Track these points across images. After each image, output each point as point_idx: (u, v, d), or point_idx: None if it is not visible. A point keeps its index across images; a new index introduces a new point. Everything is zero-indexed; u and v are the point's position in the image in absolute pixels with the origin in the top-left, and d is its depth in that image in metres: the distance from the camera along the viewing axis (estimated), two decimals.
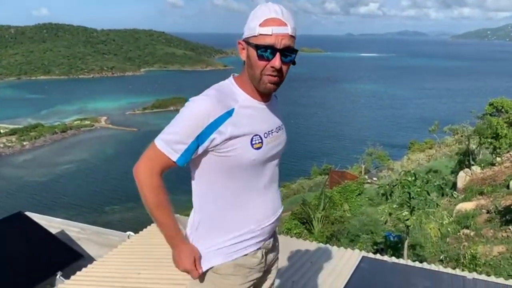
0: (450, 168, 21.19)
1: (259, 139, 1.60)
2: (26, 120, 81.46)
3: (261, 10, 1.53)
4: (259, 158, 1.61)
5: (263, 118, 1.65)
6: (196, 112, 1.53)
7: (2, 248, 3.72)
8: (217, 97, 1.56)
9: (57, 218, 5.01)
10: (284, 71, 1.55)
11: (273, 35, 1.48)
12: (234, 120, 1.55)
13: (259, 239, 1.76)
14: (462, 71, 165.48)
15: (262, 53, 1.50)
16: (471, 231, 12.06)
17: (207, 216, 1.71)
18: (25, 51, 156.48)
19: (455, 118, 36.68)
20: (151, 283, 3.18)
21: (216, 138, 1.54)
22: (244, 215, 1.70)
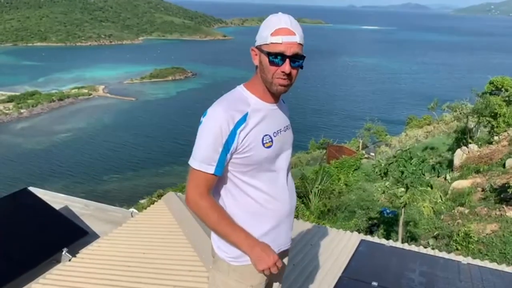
0: (447, 145, 21.30)
1: (269, 139, 1.76)
2: (23, 87, 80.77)
3: (272, 20, 1.70)
4: (270, 155, 1.78)
5: (273, 119, 1.81)
6: (216, 125, 1.68)
7: (10, 224, 3.79)
8: (230, 105, 1.72)
9: (60, 194, 5.07)
10: (293, 75, 1.71)
11: (283, 43, 1.65)
12: (248, 123, 1.71)
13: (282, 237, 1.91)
14: (463, 46, 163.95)
15: (273, 59, 1.66)
16: (465, 209, 12.24)
17: (231, 212, 1.82)
18: (21, 17, 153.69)
19: (455, 94, 36.60)
20: (155, 263, 3.27)
21: (238, 141, 1.70)
22: (263, 212, 1.82)
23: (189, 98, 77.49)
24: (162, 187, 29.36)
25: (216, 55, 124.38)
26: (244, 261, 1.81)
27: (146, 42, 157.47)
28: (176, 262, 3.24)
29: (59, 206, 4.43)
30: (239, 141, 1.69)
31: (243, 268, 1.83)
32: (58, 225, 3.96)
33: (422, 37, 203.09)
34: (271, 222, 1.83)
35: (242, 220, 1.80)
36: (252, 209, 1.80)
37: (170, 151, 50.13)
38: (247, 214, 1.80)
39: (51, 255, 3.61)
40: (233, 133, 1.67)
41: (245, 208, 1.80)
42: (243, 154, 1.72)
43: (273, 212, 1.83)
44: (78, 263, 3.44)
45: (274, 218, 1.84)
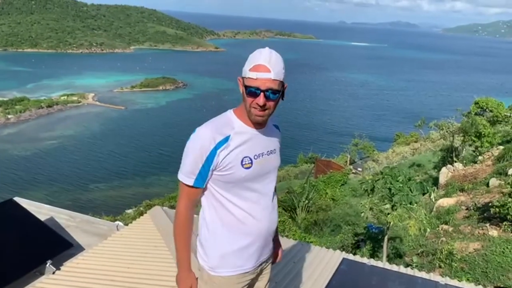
0: (433, 163, 21.55)
1: (249, 160, 1.90)
2: (11, 93, 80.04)
3: (254, 56, 1.83)
4: (249, 176, 1.91)
5: (255, 143, 1.94)
6: (200, 142, 1.85)
7: None
8: (216, 126, 1.88)
9: (46, 205, 5.06)
10: (270, 105, 1.85)
11: (258, 79, 1.79)
12: (230, 144, 1.86)
13: (257, 256, 2.04)
14: (451, 65, 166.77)
15: (249, 91, 1.82)
16: (449, 227, 12.37)
17: (210, 225, 1.98)
18: (12, 22, 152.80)
19: (441, 112, 37.11)
20: (139, 278, 3.29)
21: (218, 159, 1.85)
22: (241, 228, 1.96)
23: (179, 108, 77.45)
24: (149, 197, 29.19)
25: (207, 66, 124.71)
26: (221, 272, 1.97)
27: (138, 51, 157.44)
28: (160, 278, 3.27)
29: (44, 217, 4.43)
30: (219, 160, 1.84)
31: (220, 279, 1.97)
32: (42, 236, 3.95)
33: (410, 54, 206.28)
34: (248, 239, 1.96)
35: (220, 232, 1.95)
36: (230, 224, 1.94)
37: (158, 161, 49.91)
38: (226, 228, 1.95)
39: (35, 267, 3.60)
40: (213, 152, 1.83)
41: (224, 222, 1.94)
42: (223, 172, 1.87)
43: (250, 229, 1.96)
44: (62, 276, 3.44)
45: (251, 235, 1.97)
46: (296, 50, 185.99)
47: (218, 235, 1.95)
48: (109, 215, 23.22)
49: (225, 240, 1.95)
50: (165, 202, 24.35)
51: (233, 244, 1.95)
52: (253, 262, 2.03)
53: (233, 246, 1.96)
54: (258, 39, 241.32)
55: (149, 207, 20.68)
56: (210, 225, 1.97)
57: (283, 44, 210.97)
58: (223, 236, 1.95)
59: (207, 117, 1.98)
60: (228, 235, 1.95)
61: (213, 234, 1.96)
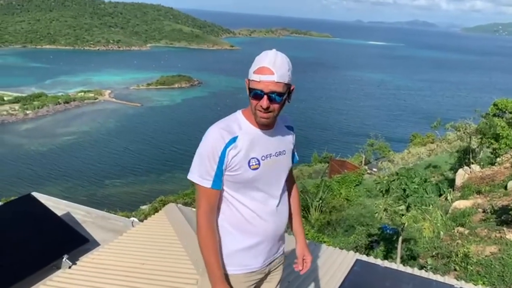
0: (449, 164, 21.27)
1: (257, 161, 1.89)
2: (29, 88, 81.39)
3: (260, 58, 1.83)
4: (257, 177, 1.90)
5: (263, 143, 1.92)
6: (212, 142, 1.85)
7: (13, 229, 3.86)
8: (224, 126, 1.88)
9: (63, 200, 5.14)
10: (274, 108, 1.84)
11: (261, 82, 1.79)
12: (237, 144, 1.85)
13: (264, 256, 2.02)
14: (470, 65, 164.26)
15: (253, 94, 1.82)
16: (465, 229, 12.20)
17: (221, 224, 1.97)
18: (31, 19, 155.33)
19: (459, 113, 36.62)
20: (154, 274, 3.33)
21: (228, 159, 1.84)
22: (248, 227, 1.95)
23: (194, 106, 77.82)
24: (163, 194, 29.42)
25: (222, 65, 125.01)
26: (230, 270, 1.96)
27: (154, 49, 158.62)
28: (173, 274, 3.29)
29: (61, 213, 4.49)
30: (229, 160, 1.83)
31: (228, 278, 1.96)
32: (59, 231, 4.02)
33: (428, 54, 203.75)
34: (254, 238, 1.96)
35: (227, 231, 1.95)
36: (238, 223, 1.94)
37: (172, 158, 50.25)
38: (233, 227, 1.94)
39: (52, 261, 3.66)
40: (224, 151, 1.82)
41: (232, 221, 1.94)
42: (232, 172, 1.86)
43: (257, 229, 1.95)
44: (78, 270, 3.50)
45: (257, 235, 1.96)
46: (312, 49, 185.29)
47: (225, 234, 1.95)
48: (124, 211, 23.50)
49: (232, 239, 1.95)
50: (179, 199, 24.54)
51: (240, 243, 1.95)
52: (260, 262, 2.01)
53: (240, 245, 1.95)
54: (273, 37, 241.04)
55: (163, 203, 20.84)
56: (219, 223, 1.96)
57: (299, 43, 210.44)
58: (230, 235, 1.95)
59: (222, 115, 1.99)
60: (235, 234, 1.94)
61: (220, 232, 1.95)
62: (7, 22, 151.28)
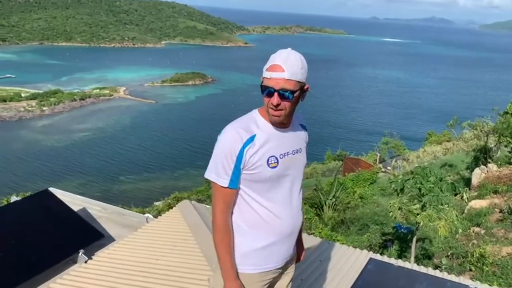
0: (466, 163, 20.99)
1: (275, 160, 1.90)
2: (46, 85, 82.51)
3: (273, 56, 1.84)
4: (275, 175, 1.91)
5: (280, 142, 1.93)
6: (229, 142, 1.86)
7: (31, 223, 3.94)
8: (241, 126, 1.89)
9: (79, 196, 5.22)
10: (285, 106, 1.84)
11: (271, 78, 1.80)
12: (255, 143, 1.86)
13: (280, 256, 2.03)
14: (488, 63, 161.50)
15: (264, 91, 1.84)
16: (481, 229, 12.05)
17: (234, 223, 1.98)
18: (48, 17, 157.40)
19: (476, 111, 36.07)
20: (168, 270, 3.36)
21: (246, 158, 1.85)
22: (265, 227, 1.96)
23: (208, 104, 78.07)
24: (177, 190, 29.63)
25: (236, 62, 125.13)
26: (242, 269, 1.96)
27: (168, 46, 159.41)
28: (187, 271, 3.32)
29: (77, 208, 4.56)
30: (247, 159, 1.84)
31: (242, 276, 1.97)
32: (76, 226, 4.08)
33: (445, 51, 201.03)
34: (271, 238, 1.96)
35: (244, 231, 1.95)
36: (255, 223, 1.94)
37: (186, 155, 50.52)
38: (250, 226, 1.95)
39: (68, 255, 3.73)
40: (241, 151, 1.83)
41: (249, 221, 1.95)
42: (250, 171, 1.86)
43: (274, 229, 1.96)
44: (93, 265, 3.56)
45: (274, 234, 1.96)
46: (326, 46, 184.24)
47: (241, 233, 1.95)
48: (138, 207, 23.71)
49: (248, 238, 1.95)
50: (192, 195, 24.69)
51: (256, 242, 1.95)
52: (276, 262, 2.02)
53: (257, 245, 1.95)
54: (288, 34, 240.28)
55: (177, 200, 21.00)
56: (234, 223, 1.96)
57: (313, 40, 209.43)
58: (246, 234, 1.95)
59: (235, 113, 2.00)
60: (252, 234, 1.95)
61: (236, 232, 1.96)
62: (25, 20, 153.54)
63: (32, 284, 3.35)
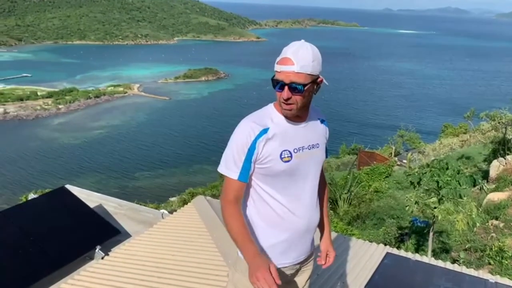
0: (483, 155, 20.67)
1: (288, 154, 1.86)
2: (61, 84, 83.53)
3: (285, 49, 1.81)
4: (288, 170, 1.87)
5: (295, 136, 1.90)
6: (241, 134, 1.85)
7: (48, 220, 3.98)
8: (256, 119, 1.87)
9: (95, 192, 5.27)
10: (296, 100, 1.80)
11: (281, 72, 1.78)
12: (268, 136, 1.83)
13: (296, 253, 2.00)
14: (505, 53, 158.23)
15: (276, 85, 1.81)
16: (500, 222, 11.88)
17: (248, 218, 1.96)
18: (62, 16, 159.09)
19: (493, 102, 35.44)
20: (184, 265, 3.37)
21: (258, 151, 1.83)
22: (280, 223, 1.92)
23: (221, 99, 78.18)
24: (192, 186, 29.76)
25: (249, 57, 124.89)
26: None
27: (181, 42, 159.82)
28: (203, 266, 3.33)
29: (94, 205, 4.61)
30: (259, 152, 1.82)
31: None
32: (92, 223, 4.12)
33: (460, 42, 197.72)
34: (285, 234, 1.93)
35: (257, 226, 1.93)
36: (269, 218, 1.91)
37: (200, 151, 50.72)
38: (264, 221, 1.92)
39: (86, 252, 3.77)
40: (254, 143, 1.81)
41: (263, 216, 1.92)
42: (263, 165, 1.84)
43: (289, 225, 1.92)
44: (110, 261, 3.59)
45: (289, 230, 1.93)
46: (340, 39, 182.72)
47: (256, 228, 1.93)
48: (154, 203, 23.90)
49: (263, 234, 1.92)
50: (207, 191, 24.78)
51: (271, 238, 1.92)
52: (291, 259, 1.99)
53: (271, 241, 1.92)
54: (300, 28, 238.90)
55: (192, 195, 21.10)
56: (250, 218, 1.94)
57: (326, 33, 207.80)
58: (261, 230, 1.92)
59: (249, 108, 1.98)
60: (265, 229, 1.92)
61: (250, 227, 1.92)
62: (40, 19, 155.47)
63: (51, 280, 3.40)
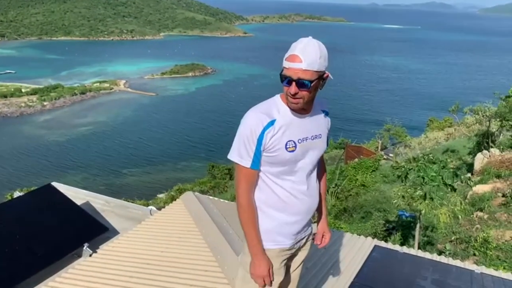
0: (468, 148, 20.96)
1: (293, 144, 1.99)
2: (46, 80, 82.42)
3: (293, 46, 1.90)
4: (293, 159, 2.01)
5: (299, 127, 2.02)
6: (250, 125, 1.95)
7: (35, 218, 3.94)
8: (263, 110, 1.98)
9: (82, 190, 5.22)
10: (303, 95, 1.92)
11: (289, 68, 1.87)
12: (275, 127, 1.95)
13: (296, 234, 2.14)
14: (489, 47, 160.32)
15: (284, 81, 1.92)
16: (484, 214, 12.07)
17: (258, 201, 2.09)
18: (46, 11, 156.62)
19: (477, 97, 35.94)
20: (173, 262, 3.37)
21: (266, 141, 1.95)
22: (284, 207, 2.07)
23: (208, 95, 77.90)
24: (180, 182, 29.69)
25: (236, 52, 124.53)
26: (264, 245, 2.08)
27: (167, 38, 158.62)
28: (192, 262, 3.33)
29: (81, 202, 4.57)
30: (267, 141, 1.94)
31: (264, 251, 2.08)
32: (80, 220, 4.09)
33: (445, 37, 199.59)
34: (289, 217, 2.09)
35: (263, 210, 2.07)
36: (273, 202, 2.06)
37: (188, 147, 50.56)
38: (269, 206, 2.07)
39: (73, 249, 3.74)
40: (262, 134, 1.93)
41: (268, 201, 2.07)
42: (270, 153, 1.97)
43: (292, 209, 2.07)
44: (98, 258, 3.57)
45: (292, 214, 2.08)
46: (326, 34, 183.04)
47: (260, 212, 2.07)
48: (142, 199, 23.80)
49: (267, 217, 2.07)
50: (195, 187, 24.74)
51: (275, 221, 2.07)
52: (293, 240, 2.14)
53: (275, 223, 2.07)
54: (287, 23, 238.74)
55: (180, 191, 21.04)
56: (255, 202, 2.07)
57: (313, 28, 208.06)
58: (266, 213, 2.06)
59: (236, 103, 2.00)
60: (270, 213, 2.06)
61: (257, 210, 2.07)
62: (23, 15, 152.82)
63: (38, 279, 3.37)
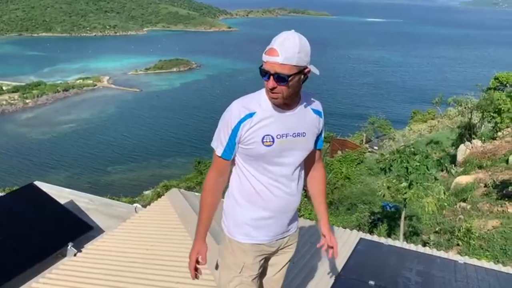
0: (451, 140, 21.28)
1: (271, 139, 1.95)
2: (28, 77, 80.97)
3: (273, 39, 1.87)
4: (269, 154, 1.97)
5: (280, 122, 1.97)
6: (229, 115, 1.97)
7: (17, 219, 3.88)
8: (245, 102, 1.98)
9: (66, 188, 5.16)
10: (281, 90, 1.87)
11: (267, 62, 1.85)
12: (253, 119, 1.93)
13: (272, 231, 2.10)
14: (470, 40, 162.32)
15: (263, 75, 1.89)
16: (467, 204, 12.27)
17: (232, 194, 2.10)
18: (26, 7, 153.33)
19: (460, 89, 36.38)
20: (159, 259, 3.36)
21: (241, 133, 1.94)
22: (258, 201, 2.04)
23: (193, 90, 77.50)
24: (166, 179, 29.53)
25: (220, 47, 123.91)
26: (235, 237, 2.07)
27: (151, 33, 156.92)
28: (178, 259, 3.32)
29: (64, 201, 4.51)
30: (242, 133, 1.93)
31: (237, 244, 2.08)
32: (63, 219, 4.04)
33: (427, 30, 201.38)
34: (263, 212, 2.04)
35: (238, 202, 2.06)
36: (249, 195, 2.04)
37: (174, 143, 50.30)
38: (245, 198, 2.05)
39: (57, 249, 3.69)
40: (238, 125, 1.92)
41: (243, 193, 2.05)
42: (245, 146, 1.96)
43: (267, 204, 2.03)
44: (83, 257, 3.53)
45: (266, 209, 2.04)
46: (310, 28, 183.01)
47: (235, 204, 2.06)
48: (127, 197, 23.63)
49: (241, 209, 2.05)
50: (181, 183, 24.64)
51: (248, 214, 2.04)
52: (268, 236, 2.09)
53: (248, 216, 2.04)
54: (271, 17, 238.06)
55: (166, 188, 20.93)
56: (231, 193, 2.08)
57: (297, 22, 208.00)
58: (241, 205, 2.05)
59: (221, 98, 2.00)
60: (245, 205, 2.04)
61: (234, 202, 2.07)
62: (2, 11, 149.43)
63: (22, 279, 3.32)
